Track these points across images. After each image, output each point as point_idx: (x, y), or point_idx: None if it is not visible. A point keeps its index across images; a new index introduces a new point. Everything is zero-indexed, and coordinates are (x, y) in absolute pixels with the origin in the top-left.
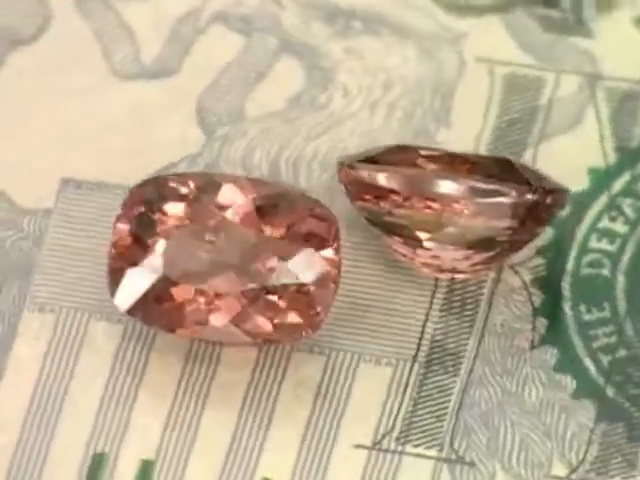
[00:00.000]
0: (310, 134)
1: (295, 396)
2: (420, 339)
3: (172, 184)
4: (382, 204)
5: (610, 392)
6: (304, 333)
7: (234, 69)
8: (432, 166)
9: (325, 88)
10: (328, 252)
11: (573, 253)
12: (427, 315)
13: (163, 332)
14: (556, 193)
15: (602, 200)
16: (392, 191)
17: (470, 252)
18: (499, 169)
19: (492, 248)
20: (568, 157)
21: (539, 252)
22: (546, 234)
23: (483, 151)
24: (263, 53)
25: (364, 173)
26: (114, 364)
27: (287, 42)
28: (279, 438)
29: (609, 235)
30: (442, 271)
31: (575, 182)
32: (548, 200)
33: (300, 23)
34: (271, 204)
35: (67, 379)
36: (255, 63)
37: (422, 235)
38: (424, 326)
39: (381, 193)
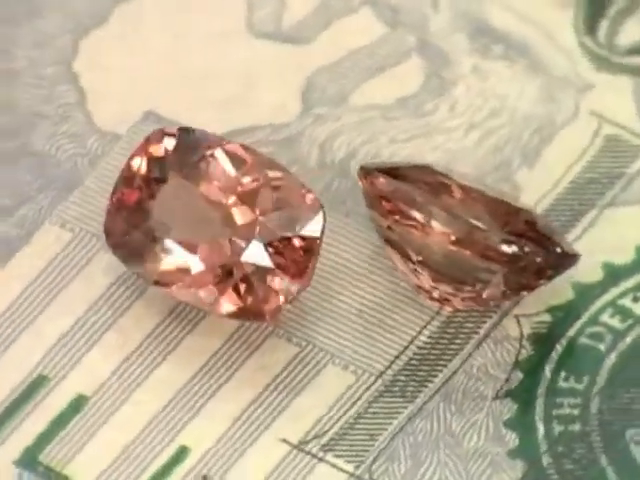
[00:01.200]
0: (397, 137)
1: (252, 377)
2: (395, 358)
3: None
4: (385, 217)
5: (545, 461)
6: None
7: (362, 55)
8: (447, 197)
9: (436, 97)
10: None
11: (581, 321)
12: (414, 338)
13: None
14: (561, 257)
15: (636, 279)
16: (392, 205)
17: (454, 284)
18: (515, 218)
19: (475, 284)
20: (626, 228)
21: (549, 309)
22: (564, 294)
23: (549, 201)
24: (397, 48)
25: (373, 182)
26: (98, 300)
27: (424, 44)
28: (215, 410)
29: (624, 313)
30: (432, 298)
31: (620, 255)
32: (544, 260)
33: (446, 30)
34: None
35: (47, 300)
36: (385, 56)
37: (412, 256)
38: (406, 347)
39: (384, 205)
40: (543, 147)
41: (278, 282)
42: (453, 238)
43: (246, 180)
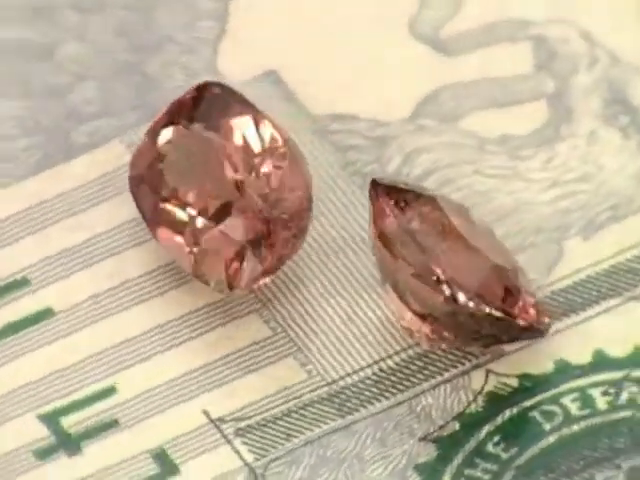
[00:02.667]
0: (482, 171)
1: (215, 343)
2: (352, 373)
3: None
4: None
5: None
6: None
7: (496, 84)
8: (432, 233)
9: (538, 146)
10: None
11: (543, 395)
12: (381, 359)
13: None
14: (514, 328)
15: (618, 375)
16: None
17: (411, 314)
18: (489, 276)
19: (430, 319)
20: (637, 326)
21: (520, 376)
22: (544, 366)
23: (581, 276)
24: (532, 88)
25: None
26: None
27: (558, 94)
28: (161, 364)
29: (585, 402)
30: (402, 327)
31: (617, 348)
32: (491, 325)
33: (585, 89)
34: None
35: (67, 214)
36: (516, 91)
37: (385, 278)
38: (368, 366)
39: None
40: (609, 224)
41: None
42: (412, 271)
43: (257, 159)
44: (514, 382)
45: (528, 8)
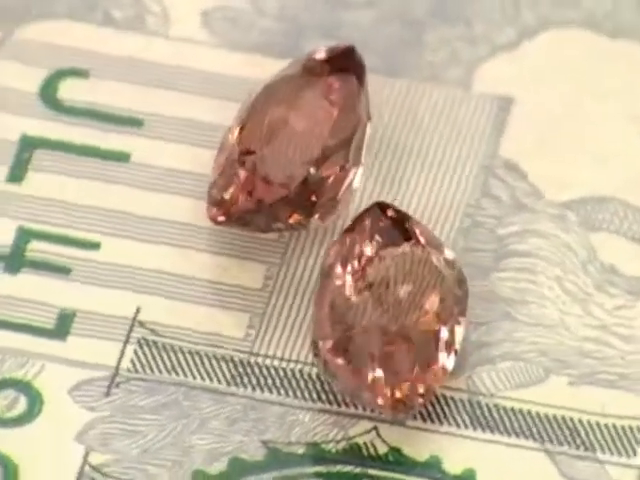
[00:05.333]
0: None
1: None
2: (264, 356)
3: None
4: None
5: None
6: None
7: None
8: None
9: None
10: None
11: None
12: (306, 364)
13: None
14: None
15: None
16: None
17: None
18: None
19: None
20: None
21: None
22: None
23: None
24: None
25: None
26: None
27: None
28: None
29: None
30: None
31: None
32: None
33: None
34: None
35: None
36: None
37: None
38: (291, 362)
39: None
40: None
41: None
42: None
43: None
44: (383, 449)
45: None
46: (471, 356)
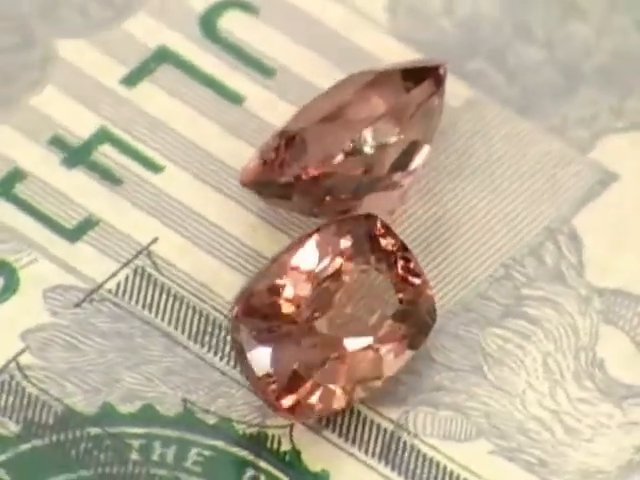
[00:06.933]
0: None
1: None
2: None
3: None
4: None
5: None
6: None
7: None
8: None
9: None
10: None
11: None
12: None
13: None
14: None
15: None
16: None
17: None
18: None
19: None
20: None
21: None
22: None
23: None
24: None
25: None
26: None
27: None
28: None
29: None
30: None
31: None
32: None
33: None
34: None
35: None
36: None
37: None
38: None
39: None
40: None
41: None
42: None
43: None
44: (286, 447)
45: None
46: (422, 394)
